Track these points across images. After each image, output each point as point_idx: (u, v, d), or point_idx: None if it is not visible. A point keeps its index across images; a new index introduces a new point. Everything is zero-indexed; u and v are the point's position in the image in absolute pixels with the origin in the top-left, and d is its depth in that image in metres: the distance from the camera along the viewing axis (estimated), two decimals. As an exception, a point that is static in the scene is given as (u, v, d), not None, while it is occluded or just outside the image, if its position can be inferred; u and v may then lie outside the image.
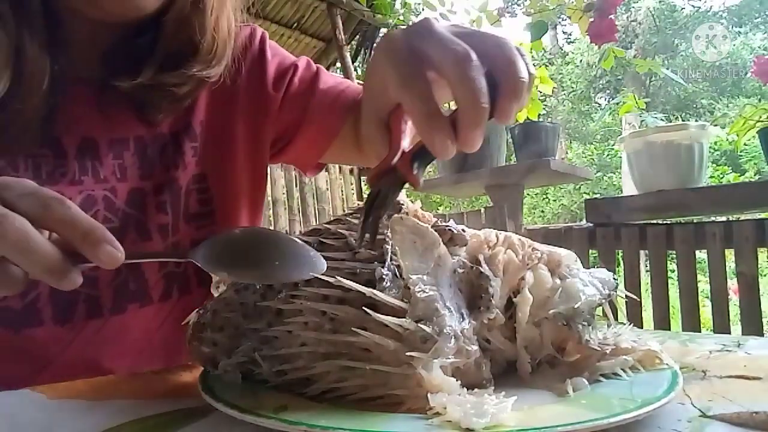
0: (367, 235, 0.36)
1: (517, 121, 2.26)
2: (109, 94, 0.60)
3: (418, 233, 0.38)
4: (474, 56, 0.36)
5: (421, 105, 0.36)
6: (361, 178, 2.84)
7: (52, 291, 0.58)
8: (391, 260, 0.36)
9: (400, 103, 0.39)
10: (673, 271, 2.05)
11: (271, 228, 2.29)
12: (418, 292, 0.34)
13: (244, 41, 0.71)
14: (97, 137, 0.62)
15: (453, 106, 0.37)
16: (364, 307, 0.33)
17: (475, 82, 0.36)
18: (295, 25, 3.31)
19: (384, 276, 0.35)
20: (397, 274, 0.36)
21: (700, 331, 1.93)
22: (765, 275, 5.68)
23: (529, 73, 0.38)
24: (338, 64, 3.44)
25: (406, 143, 0.39)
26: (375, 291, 0.34)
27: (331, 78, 0.75)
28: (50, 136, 0.59)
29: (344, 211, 0.42)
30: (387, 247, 0.37)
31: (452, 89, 0.37)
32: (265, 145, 0.73)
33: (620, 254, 1.96)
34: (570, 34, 14.51)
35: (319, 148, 0.74)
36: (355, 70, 3.53)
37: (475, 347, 0.36)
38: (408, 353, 0.32)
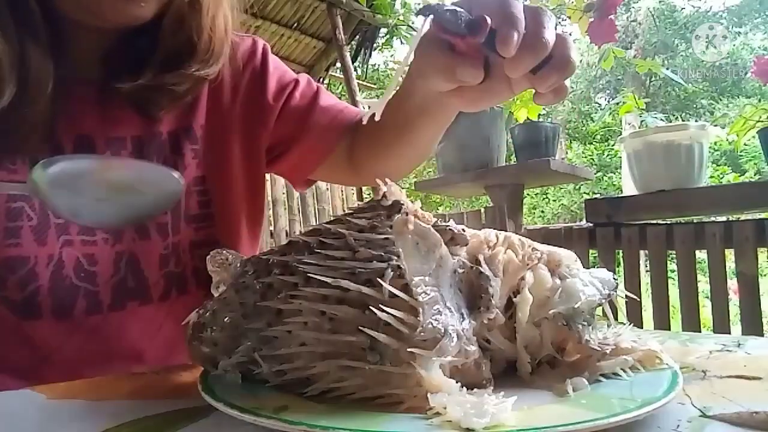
0: None
1: (516, 120, 2.25)
2: (109, 94, 0.61)
3: (421, 235, 0.38)
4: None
5: None
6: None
7: (51, 285, 0.60)
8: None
9: None
10: (673, 271, 2.05)
11: (271, 229, 2.29)
12: (421, 294, 0.34)
13: (245, 52, 0.73)
14: (94, 135, 0.63)
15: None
16: (370, 307, 0.33)
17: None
18: (295, 25, 3.31)
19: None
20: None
21: (700, 331, 1.93)
22: (765, 275, 5.68)
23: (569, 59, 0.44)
24: (338, 64, 3.44)
25: None
26: (375, 290, 0.34)
27: (330, 97, 0.77)
28: (49, 133, 0.60)
29: (344, 211, 0.42)
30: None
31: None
32: (261, 153, 0.74)
33: (620, 254, 1.96)
34: (570, 34, 14.49)
35: (312, 163, 0.76)
36: (355, 70, 3.53)
37: (475, 347, 0.36)
38: (410, 349, 0.32)
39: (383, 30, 3.46)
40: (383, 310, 0.33)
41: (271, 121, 0.73)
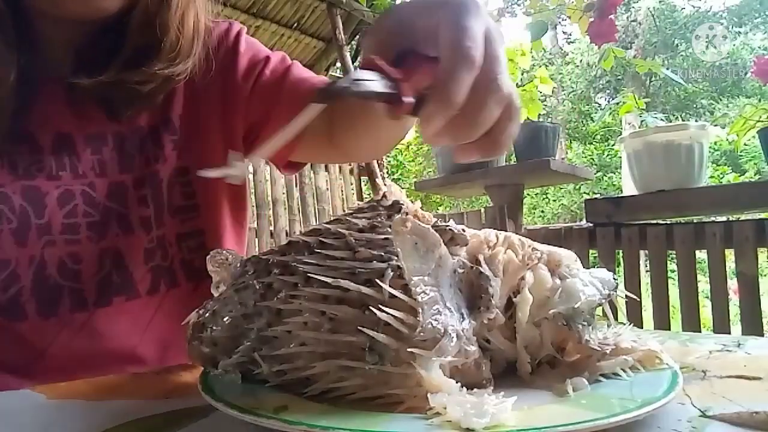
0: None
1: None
2: (78, 92, 0.60)
3: (420, 235, 0.38)
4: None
5: None
6: (361, 178, 2.84)
7: (34, 285, 0.59)
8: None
9: None
10: (673, 271, 2.05)
11: (271, 229, 2.29)
12: (420, 294, 0.34)
13: (219, 36, 0.71)
14: (72, 133, 0.62)
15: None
16: (370, 307, 0.33)
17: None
18: (295, 25, 3.31)
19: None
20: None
21: (700, 331, 1.93)
22: (765, 275, 5.68)
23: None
24: (338, 64, 3.44)
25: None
26: (374, 291, 0.34)
27: (304, 72, 0.73)
28: (24, 134, 0.60)
29: (344, 211, 0.42)
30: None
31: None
32: (239, 139, 0.71)
33: (620, 254, 1.96)
34: (570, 34, 14.49)
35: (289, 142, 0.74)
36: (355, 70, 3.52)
37: (475, 347, 0.36)
38: (410, 349, 0.32)
39: (383, 30, 3.45)
40: (383, 311, 0.33)
41: (242, 103, 0.70)
